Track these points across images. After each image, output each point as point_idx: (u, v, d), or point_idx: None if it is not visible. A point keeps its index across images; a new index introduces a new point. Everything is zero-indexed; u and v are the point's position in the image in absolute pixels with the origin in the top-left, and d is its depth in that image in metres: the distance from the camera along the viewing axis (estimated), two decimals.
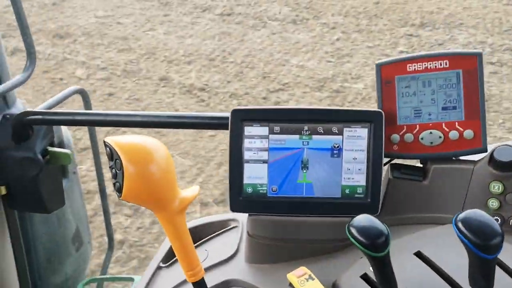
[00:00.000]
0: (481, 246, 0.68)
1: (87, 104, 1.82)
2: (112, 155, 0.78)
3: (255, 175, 0.98)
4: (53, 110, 1.46)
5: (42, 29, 5.63)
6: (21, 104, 1.75)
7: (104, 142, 0.79)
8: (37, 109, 1.41)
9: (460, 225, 0.69)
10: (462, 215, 0.70)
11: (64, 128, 1.82)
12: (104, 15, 5.92)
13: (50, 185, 1.52)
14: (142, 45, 5.27)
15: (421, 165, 1.02)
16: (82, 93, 1.82)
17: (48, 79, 4.66)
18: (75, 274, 2.12)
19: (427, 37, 5.05)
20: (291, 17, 5.65)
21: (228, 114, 0.98)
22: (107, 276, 2.27)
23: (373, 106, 4.07)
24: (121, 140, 0.79)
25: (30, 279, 1.78)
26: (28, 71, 1.64)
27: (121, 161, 0.77)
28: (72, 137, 3.68)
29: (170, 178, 0.81)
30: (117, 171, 0.78)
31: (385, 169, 1.04)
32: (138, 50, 5.17)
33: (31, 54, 1.63)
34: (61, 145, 1.59)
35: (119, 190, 0.78)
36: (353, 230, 0.75)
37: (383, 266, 0.78)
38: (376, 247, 0.74)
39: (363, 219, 0.76)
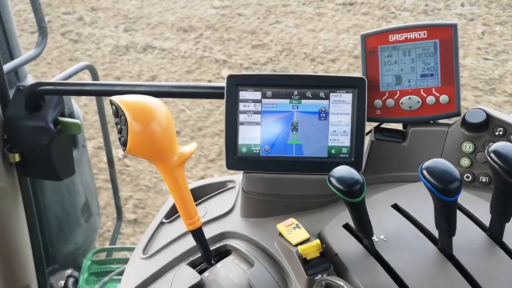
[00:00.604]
0: (442, 190, 0.77)
1: (95, 79, 1.91)
2: (118, 112, 0.87)
3: (249, 136, 1.07)
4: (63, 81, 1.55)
5: (162, 21, 5.34)
6: (32, 79, 1.85)
7: (110, 100, 0.88)
8: (46, 80, 1.50)
9: (424, 172, 0.78)
10: (426, 164, 0.79)
11: (73, 104, 1.92)
12: (221, 5, 5.58)
13: (61, 154, 1.62)
14: (274, 40, 4.92)
15: (404, 129, 1.11)
16: (91, 68, 1.92)
17: (196, 82, 4.40)
18: (85, 243, 2.22)
19: None
20: (421, 7, 5.30)
21: (223, 84, 1.07)
22: (116, 246, 2.38)
23: None
24: (126, 98, 0.87)
25: (42, 245, 1.88)
26: (40, 46, 1.73)
27: (125, 117, 0.85)
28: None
29: (170, 134, 0.89)
30: (122, 127, 0.86)
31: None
32: (273, 46, 4.84)
33: (42, 30, 1.72)
34: (71, 116, 1.69)
35: (124, 144, 0.87)
36: (333, 179, 0.84)
37: (359, 212, 0.87)
38: (352, 193, 0.83)
39: (341, 169, 0.85)
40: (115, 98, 0.87)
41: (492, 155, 0.79)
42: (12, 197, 1.65)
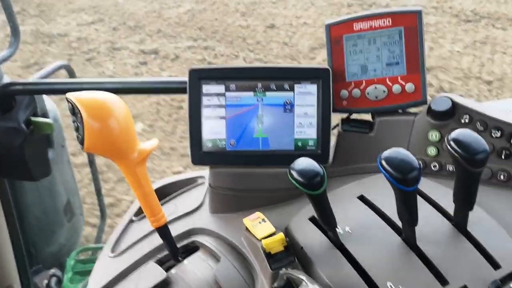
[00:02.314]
0: (400, 179, 0.75)
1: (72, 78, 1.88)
2: (74, 110, 0.85)
3: (214, 130, 1.05)
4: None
5: None
6: (8, 80, 1.82)
7: (66, 97, 0.86)
8: (18, 81, 1.49)
9: (383, 162, 0.77)
10: (385, 154, 0.77)
11: (51, 104, 1.89)
12: None
13: (36, 154, 1.60)
14: None
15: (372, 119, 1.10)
16: (67, 68, 1.89)
17: None
18: (69, 243, 2.20)
19: None
20: None
21: (186, 78, 1.05)
22: (100, 245, 2.36)
23: None
24: (82, 95, 0.85)
25: (24, 246, 1.86)
26: (13, 46, 1.71)
27: (81, 115, 0.84)
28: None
29: (129, 131, 0.88)
30: (79, 125, 0.85)
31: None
32: None
33: (15, 31, 1.70)
34: (45, 116, 1.66)
35: (81, 142, 0.86)
36: (293, 172, 0.83)
37: (321, 204, 0.86)
38: (313, 185, 0.82)
39: (302, 162, 0.84)
40: (70, 95, 0.85)
41: (452, 143, 0.78)
42: None
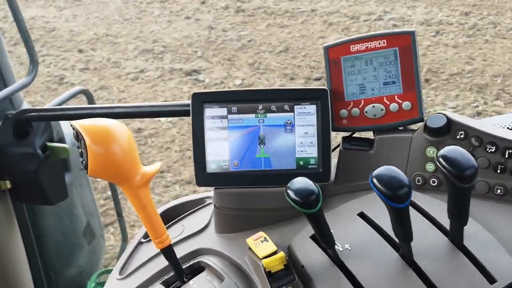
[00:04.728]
0: (391, 196, 0.77)
1: (91, 103, 1.94)
2: (78, 136, 0.89)
3: (217, 152, 1.08)
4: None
5: None
6: (27, 106, 1.88)
7: (71, 124, 0.90)
8: (34, 107, 1.54)
9: (374, 180, 0.79)
10: (376, 172, 0.79)
11: (69, 128, 1.95)
12: None
13: (52, 178, 1.65)
14: None
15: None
16: (86, 93, 1.95)
17: None
18: (89, 266, 2.23)
19: None
20: None
21: (189, 102, 1.09)
22: None
23: None
24: (85, 122, 0.89)
25: (42, 270, 1.90)
26: (32, 74, 1.77)
27: (84, 141, 0.88)
28: None
29: (131, 156, 0.91)
30: (83, 150, 0.89)
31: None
32: None
33: (33, 59, 1.76)
34: (61, 140, 1.71)
35: (85, 167, 0.89)
36: (290, 192, 0.85)
37: (318, 223, 0.88)
38: (308, 204, 0.84)
39: (297, 181, 0.86)
40: (74, 123, 0.89)
41: (440, 159, 0.79)
42: (7, 223, 1.68)
